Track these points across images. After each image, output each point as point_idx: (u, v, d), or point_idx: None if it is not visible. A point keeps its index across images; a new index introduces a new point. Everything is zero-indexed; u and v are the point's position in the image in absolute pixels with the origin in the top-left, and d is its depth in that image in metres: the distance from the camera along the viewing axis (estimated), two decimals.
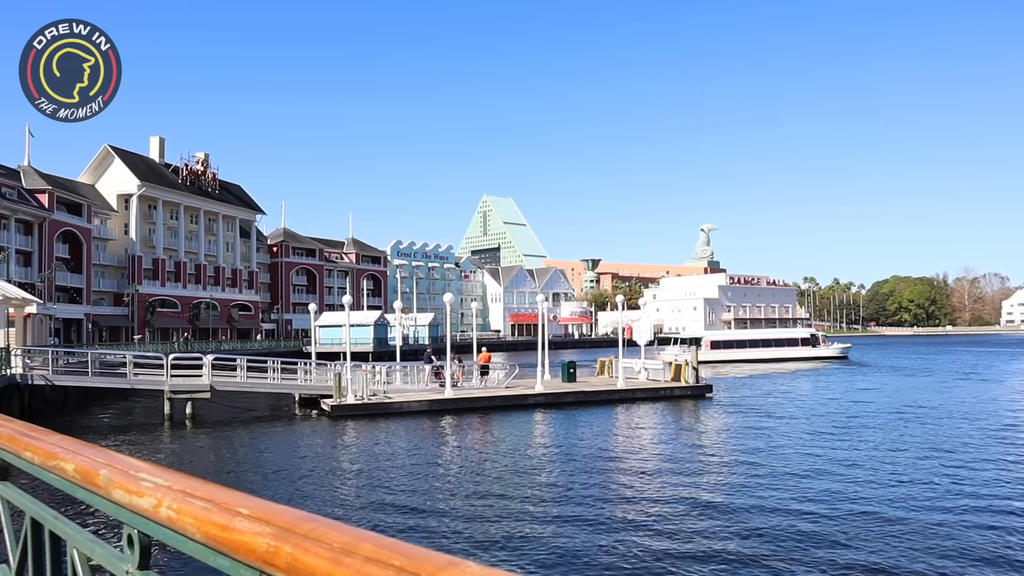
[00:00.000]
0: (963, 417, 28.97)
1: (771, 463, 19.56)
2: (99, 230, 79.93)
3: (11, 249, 64.01)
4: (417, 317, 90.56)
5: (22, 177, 70.97)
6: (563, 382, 37.19)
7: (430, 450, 22.60)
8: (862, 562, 11.36)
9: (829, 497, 15.60)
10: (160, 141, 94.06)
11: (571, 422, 28.22)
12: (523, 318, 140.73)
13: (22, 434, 1.96)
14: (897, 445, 22.46)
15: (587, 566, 11.31)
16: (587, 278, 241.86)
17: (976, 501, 15.29)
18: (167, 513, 1.30)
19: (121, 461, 1.54)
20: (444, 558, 0.93)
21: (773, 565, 11.26)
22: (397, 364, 37.86)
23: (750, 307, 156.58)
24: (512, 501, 15.55)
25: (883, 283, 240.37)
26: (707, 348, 71.53)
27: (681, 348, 66.19)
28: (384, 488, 17.06)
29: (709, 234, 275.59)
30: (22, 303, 38.46)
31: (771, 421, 28.43)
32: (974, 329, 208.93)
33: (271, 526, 1.11)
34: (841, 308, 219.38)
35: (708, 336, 78.08)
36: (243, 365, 33.06)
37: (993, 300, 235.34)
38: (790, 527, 13.29)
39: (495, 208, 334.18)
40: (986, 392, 40.40)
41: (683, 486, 16.95)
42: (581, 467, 19.22)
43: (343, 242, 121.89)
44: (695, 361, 37.19)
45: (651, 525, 13.56)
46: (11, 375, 28.75)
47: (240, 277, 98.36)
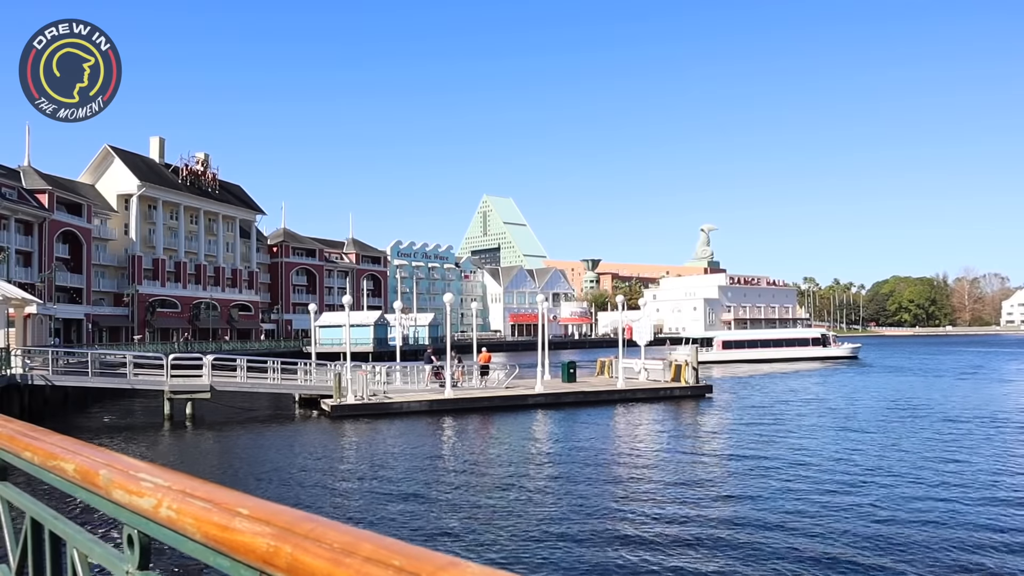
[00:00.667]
0: (971, 414, 28.98)
1: (771, 462, 19.55)
2: (99, 230, 79.96)
3: (11, 249, 64.05)
4: (417, 317, 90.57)
5: (22, 177, 71.01)
6: (563, 382, 37.20)
7: (430, 450, 22.60)
8: (848, 557, 11.37)
9: (831, 498, 15.61)
10: (160, 141, 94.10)
11: (571, 422, 28.22)
12: (523, 318, 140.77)
13: (22, 434, 1.96)
14: (900, 445, 22.47)
15: (587, 566, 11.30)
16: (587, 278, 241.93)
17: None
18: (167, 513, 1.30)
19: (121, 461, 1.54)
20: (444, 558, 0.93)
21: (773, 565, 11.26)
22: (397, 364, 37.88)
23: (750, 307, 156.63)
24: (512, 501, 15.55)
25: (883, 283, 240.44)
26: (719, 348, 72.37)
27: (692, 348, 67.94)
28: (384, 488, 17.06)
29: (709, 234, 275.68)
30: (22, 303, 38.47)
31: (771, 421, 28.43)
32: (974, 329, 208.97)
33: (271, 526, 1.11)
34: (841, 308, 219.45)
35: (720, 336, 78.62)
36: (243, 365, 33.08)
37: (993, 300, 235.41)
38: (789, 528, 13.29)
39: (495, 208, 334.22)
40: (995, 390, 40.41)
41: (683, 486, 16.95)
42: (581, 467, 19.22)
43: (343, 242, 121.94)
44: (695, 361, 37.20)
45: (651, 525, 13.56)
46: (11, 375, 28.76)
47: (240, 277, 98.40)
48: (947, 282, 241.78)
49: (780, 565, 11.26)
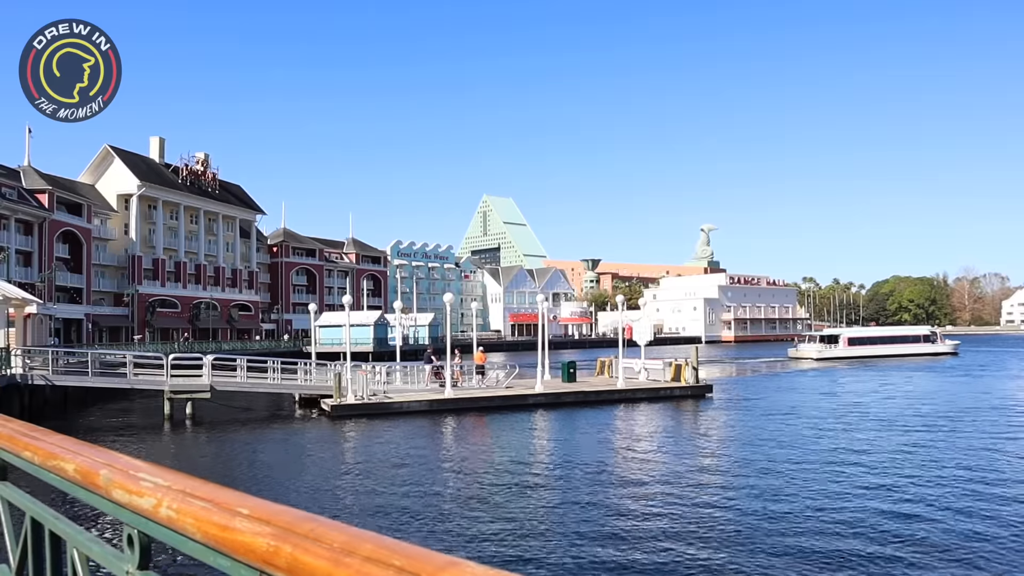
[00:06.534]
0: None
1: (770, 462, 19.54)
2: (99, 230, 79.91)
3: (11, 249, 64.02)
4: (417, 317, 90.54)
5: (22, 177, 70.97)
6: (563, 382, 37.18)
7: (430, 450, 22.60)
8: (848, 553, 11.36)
9: (831, 497, 15.60)
10: (160, 141, 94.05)
11: (571, 422, 28.22)
12: (523, 318, 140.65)
13: (22, 434, 1.96)
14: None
15: (588, 566, 11.30)
16: (587, 278, 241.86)
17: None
18: (167, 513, 1.30)
19: (121, 461, 1.54)
20: (444, 558, 0.93)
21: (772, 564, 11.26)
22: (397, 364, 37.86)
23: (750, 307, 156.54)
24: (512, 501, 15.55)
25: (883, 283, 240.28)
26: (844, 344, 76.70)
27: (822, 345, 76.97)
28: (384, 488, 17.06)
29: (709, 234, 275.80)
30: (22, 303, 38.46)
31: (770, 421, 28.40)
32: (974, 329, 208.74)
33: (271, 526, 1.11)
34: (841, 308, 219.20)
35: (846, 333, 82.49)
36: (243, 365, 33.07)
37: (993, 300, 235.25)
38: (789, 528, 13.28)
39: (495, 208, 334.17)
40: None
41: (683, 485, 16.93)
42: (581, 467, 19.21)
43: (343, 242, 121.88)
44: (695, 361, 37.21)
45: (651, 525, 13.56)
46: (11, 375, 28.75)
47: (240, 277, 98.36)
48: (947, 282, 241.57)
49: (780, 565, 11.25)
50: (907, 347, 79.70)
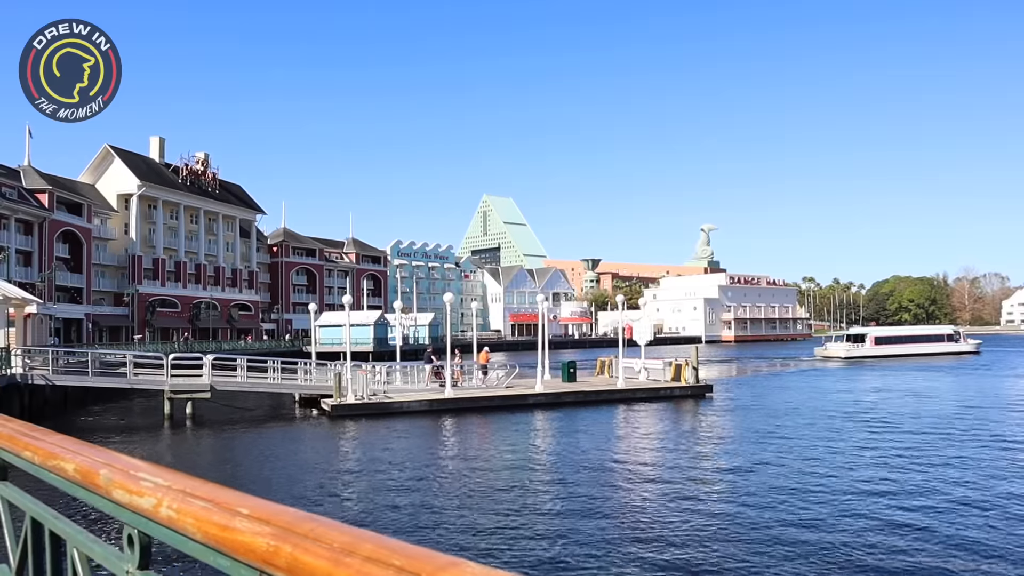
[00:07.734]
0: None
1: (770, 462, 19.54)
2: (99, 230, 79.90)
3: (11, 249, 64.02)
4: (417, 317, 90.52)
5: (22, 177, 70.96)
6: (563, 382, 37.18)
7: (430, 450, 22.60)
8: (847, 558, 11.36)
9: (831, 498, 15.60)
10: (160, 141, 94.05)
11: (571, 422, 28.21)
12: (523, 318, 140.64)
13: (22, 434, 1.96)
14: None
15: (588, 566, 11.30)
16: (587, 278, 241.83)
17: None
18: (167, 513, 1.30)
19: (121, 461, 1.54)
20: (444, 558, 0.93)
21: (773, 564, 11.26)
22: (397, 364, 37.85)
23: (750, 307, 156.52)
24: (512, 501, 15.55)
25: (883, 283, 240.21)
26: (872, 344, 77.42)
27: (851, 345, 78.52)
28: (384, 488, 17.06)
29: (709, 234, 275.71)
30: (22, 303, 38.45)
31: (770, 420, 28.39)
32: (974, 329, 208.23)
33: (271, 526, 1.11)
34: (841, 308, 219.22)
35: (873, 332, 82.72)
36: (243, 365, 33.07)
37: (993, 300, 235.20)
38: (789, 528, 13.28)
39: (495, 208, 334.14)
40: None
41: (683, 485, 16.93)
42: (581, 467, 19.21)
43: (343, 242, 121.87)
44: (695, 361, 37.21)
45: (651, 524, 13.56)
46: (11, 375, 28.75)
47: (240, 277, 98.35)
48: (947, 282, 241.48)
49: (780, 564, 11.26)
50: (932, 346, 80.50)
